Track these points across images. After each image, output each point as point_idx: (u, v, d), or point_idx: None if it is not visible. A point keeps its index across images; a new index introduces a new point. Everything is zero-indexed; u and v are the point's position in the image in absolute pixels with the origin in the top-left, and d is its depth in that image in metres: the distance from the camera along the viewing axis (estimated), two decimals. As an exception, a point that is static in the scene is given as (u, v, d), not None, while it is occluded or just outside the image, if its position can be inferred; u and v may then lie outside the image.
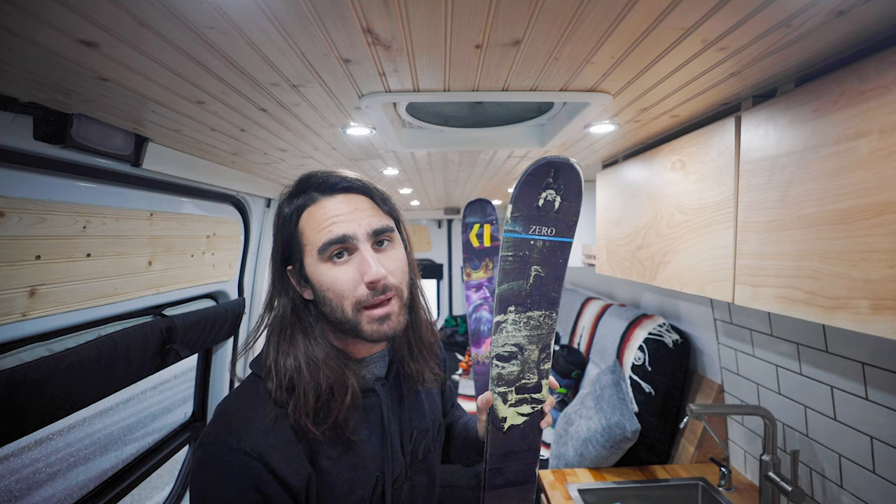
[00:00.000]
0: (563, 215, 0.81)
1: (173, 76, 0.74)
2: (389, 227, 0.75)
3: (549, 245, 0.81)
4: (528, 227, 0.79)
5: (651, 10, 0.58)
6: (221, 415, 0.70)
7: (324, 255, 0.70)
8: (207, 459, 0.66)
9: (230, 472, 0.64)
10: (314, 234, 0.71)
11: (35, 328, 0.94)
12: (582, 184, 0.80)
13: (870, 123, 0.67)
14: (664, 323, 1.94)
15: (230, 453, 0.64)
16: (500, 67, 0.77)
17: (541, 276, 0.81)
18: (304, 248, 0.72)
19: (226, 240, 1.75)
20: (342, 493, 0.70)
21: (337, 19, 0.59)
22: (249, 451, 0.64)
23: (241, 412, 0.69)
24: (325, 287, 0.71)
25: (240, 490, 0.63)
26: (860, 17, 0.60)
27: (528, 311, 0.82)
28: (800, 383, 1.33)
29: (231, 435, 0.66)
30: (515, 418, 0.85)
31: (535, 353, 0.84)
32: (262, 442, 0.65)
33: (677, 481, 1.62)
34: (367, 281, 0.69)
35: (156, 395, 5.92)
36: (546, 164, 0.77)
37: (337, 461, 0.71)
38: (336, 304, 0.71)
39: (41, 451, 4.20)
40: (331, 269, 0.70)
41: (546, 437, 2.41)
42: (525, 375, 0.84)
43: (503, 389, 0.83)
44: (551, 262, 0.81)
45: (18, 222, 0.88)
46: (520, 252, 0.80)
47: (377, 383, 0.79)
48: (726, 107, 1.02)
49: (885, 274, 0.64)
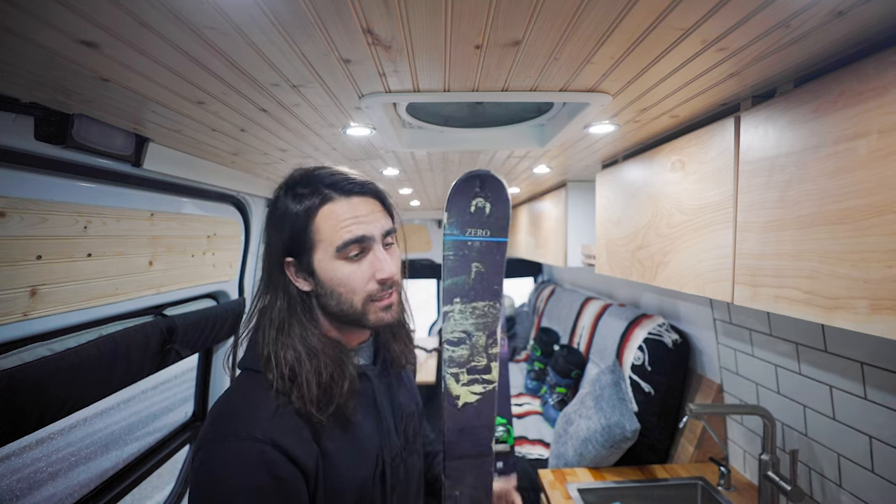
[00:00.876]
0: (495, 219, 0.95)
1: (174, 76, 0.74)
2: (394, 229, 0.81)
3: (485, 245, 0.94)
4: (464, 230, 0.93)
5: (651, 10, 0.58)
6: (221, 414, 0.70)
7: (341, 253, 0.74)
8: (214, 458, 0.65)
9: (242, 461, 0.64)
10: (332, 232, 0.74)
11: (36, 328, 0.94)
12: (507, 191, 0.94)
13: (869, 124, 0.67)
14: (664, 323, 1.94)
15: (240, 443, 0.65)
16: (500, 68, 0.77)
17: (481, 272, 0.94)
18: (316, 244, 0.75)
19: (226, 240, 1.75)
20: (347, 473, 0.73)
21: (337, 20, 0.59)
22: (261, 437, 0.65)
23: (243, 406, 0.70)
24: (338, 282, 0.74)
25: (254, 477, 0.64)
26: (859, 17, 0.61)
27: (472, 302, 0.95)
28: (799, 383, 1.33)
29: (239, 427, 0.66)
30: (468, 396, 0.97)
31: (482, 338, 0.96)
32: (272, 427, 0.67)
33: (677, 481, 1.62)
34: (381, 278, 0.75)
35: (156, 394, 5.92)
36: (472, 176, 0.93)
37: (339, 443, 0.73)
38: (346, 297, 0.75)
39: (42, 450, 4.20)
40: (345, 265, 0.74)
41: (546, 436, 2.41)
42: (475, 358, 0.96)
43: (455, 370, 0.95)
44: (489, 260, 0.95)
45: (19, 222, 0.88)
46: (460, 252, 0.93)
47: (368, 368, 0.82)
48: (726, 107, 1.02)
49: (885, 274, 0.64)
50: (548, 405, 2.58)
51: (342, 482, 0.72)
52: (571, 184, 2.23)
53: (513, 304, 4.21)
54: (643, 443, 1.79)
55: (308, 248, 0.75)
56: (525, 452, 2.27)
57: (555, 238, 2.43)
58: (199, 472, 0.66)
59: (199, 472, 0.66)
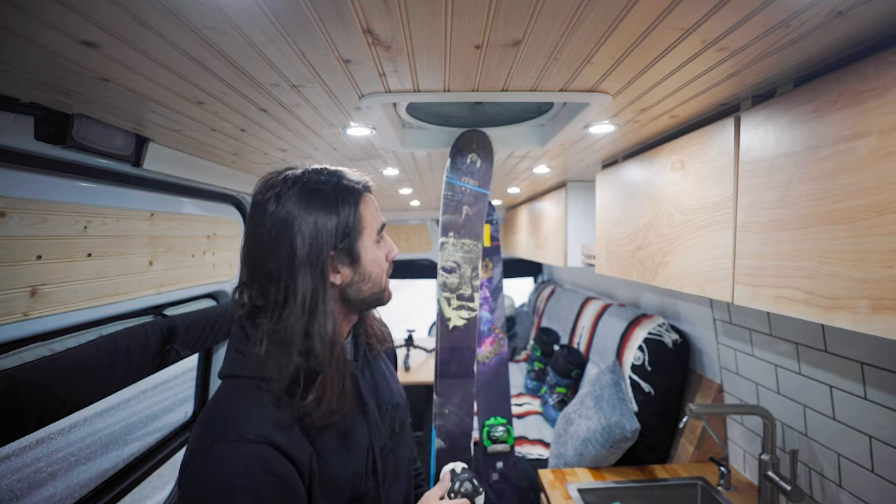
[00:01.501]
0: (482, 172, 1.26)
1: (174, 76, 0.74)
2: None
3: (472, 192, 1.23)
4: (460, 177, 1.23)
5: (651, 10, 0.58)
6: (209, 420, 0.69)
7: (378, 236, 0.83)
8: (208, 463, 0.64)
9: (236, 462, 0.64)
10: (374, 217, 0.82)
11: (36, 328, 0.94)
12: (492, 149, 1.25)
13: (869, 124, 0.67)
14: (664, 323, 1.94)
15: (232, 445, 0.65)
16: (500, 68, 0.77)
17: (469, 215, 1.23)
18: (364, 229, 0.80)
19: (226, 240, 1.75)
20: (340, 469, 0.74)
21: (337, 20, 0.59)
22: (252, 437, 0.65)
23: (230, 410, 0.70)
24: (375, 263, 0.82)
25: (250, 477, 0.64)
26: (859, 17, 0.61)
27: (461, 238, 1.22)
28: (799, 383, 1.33)
29: (228, 430, 0.66)
30: (457, 320, 1.22)
31: (468, 270, 1.22)
32: (264, 426, 0.67)
33: (677, 481, 1.62)
34: (393, 257, 0.87)
35: (156, 394, 5.92)
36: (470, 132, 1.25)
37: (331, 441, 0.74)
38: (378, 277, 0.82)
39: (42, 450, 4.20)
40: (377, 248, 0.83)
41: (546, 436, 2.41)
42: (462, 287, 1.21)
43: (448, 295, 1.22)
44: (475, 206, 1.24)
45: (19, 222, 0.88)
46: (456, 195, 1.23)
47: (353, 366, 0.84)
48: (726, 107, 1.02)
49: (884, 274, 0.64)
50: (548, 405, 2.58)
51: (337, 478, 0.73)
52: (571, 184, 2.23)
53: (513, 304, 4.20)
54: (643, 443, 1.79)
55: (357, 234, 0.79)
56: (525, 452, 2.27)
57: (555, 238, 2.43)
58: (195, 479, 0.65)
59: (194, 480, 0.65)
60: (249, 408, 0.69)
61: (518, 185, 2.40)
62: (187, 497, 0.65)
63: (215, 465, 0.64)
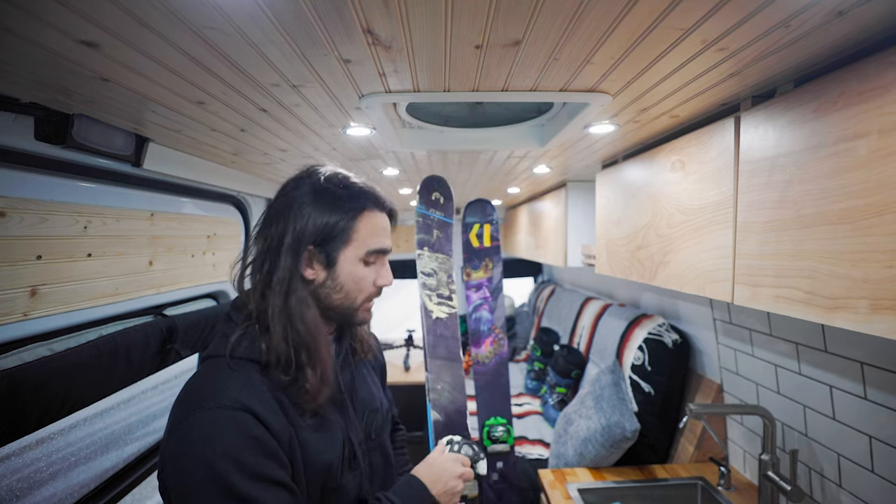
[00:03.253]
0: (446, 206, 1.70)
1: (174, 77, 0.74)
2: None
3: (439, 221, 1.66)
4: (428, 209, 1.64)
5: (651, 10, 0.58)
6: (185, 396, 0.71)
7: (366, 256, 0.82)
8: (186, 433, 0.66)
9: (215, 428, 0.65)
10: (370, 237, 0.82)
11: (36, 328, 0.94)
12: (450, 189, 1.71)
13: (869, 124, 0.67)
14: (664, 323, 1.94)
15: (210, 412, 0.66)
16: (500, 68, 0.77)
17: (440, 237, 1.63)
18: (351, 242, 0.81)
19: (226, 240, 1.75)
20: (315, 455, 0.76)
21: (337, 20, 0.59)
22: (229, 404, 0.67)
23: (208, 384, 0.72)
24: (354, 279, 0.82)
25: (229, 441, 0.65)
26: (859, 17, 0.61)
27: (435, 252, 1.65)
28: (799, 383, 1.33)
29: (205, 400, 0.68)
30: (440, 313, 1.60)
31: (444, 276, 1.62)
32: (241, 395, 0.69)
33: (677, 481, 1.62)
34: (381, 284, 0.85)
35: (156, 394, 5.91)
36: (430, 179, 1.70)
37: (307, 425, 0.77)
38: (353, 294, 0.83)
39: (42, 450, 4.20)
40: (363, 267, 0.83)
41: (546, 436, 2.41)
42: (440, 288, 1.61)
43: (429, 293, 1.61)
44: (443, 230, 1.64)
45: (20, 222, 0.88)
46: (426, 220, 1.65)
47: None
48: (726, 107, 1.02)
49: (885, 274, 0.64)
50: (548, 405, 2.58)
51: (313, 464, 0.75)
52: (571, 184, 2.23)
53: (513, 304, 4.20)
54: (643, 443, 1.78)
55: (341, 243, 0.80)
56: (525, 452, 2.27)
57: (555, 238, 2.43)
58: (176, 449, 0.66)
59: (175, 451, 0.66)
60: (226, 380, 0.71)
61: (518, 185, 2.40)
62: (171, 469, 0.65)
63: (194, 433, 0.65)
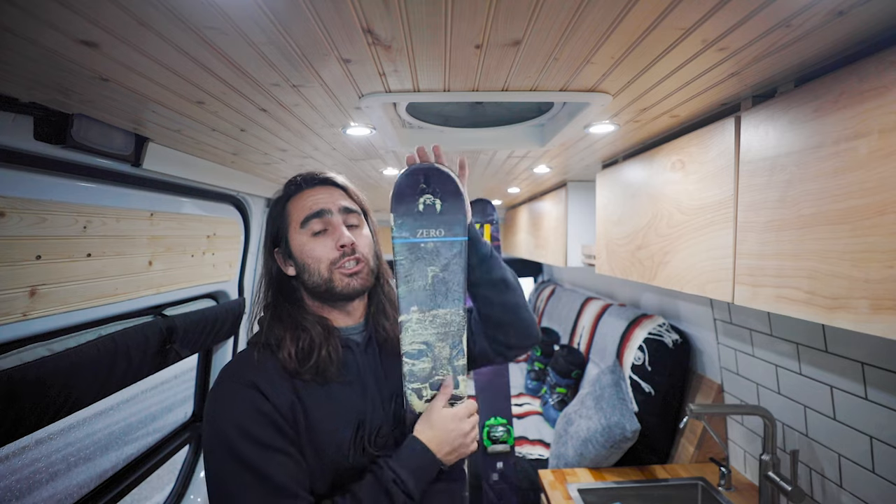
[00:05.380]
0: (449, 216, 0.86)
1: (174, 76, 0.74)
2: (356, 210, 0.92)
3: (440, 245, 0.86)
4: (415, 232, 0.86)
5: (651, 10, 0.58)
6: (221, 372, 0.84)
7: (305, 229, 0.87)
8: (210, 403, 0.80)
9: (231, 399, 0.78)
10: (298, 212, 0.88)
11: (36, 328, 0.94)
12: (457, 184, 0.86)
13: (869, 124, 0.67)
14: (664, 323, 1.94)
15: (229, 384, 0.80)
16: (500, 67, 0.77)
17: (439, 276, 0.86)
18: (290, 226, 0.89)
19: (226, 240, 1.75)
20: (324, 431, 0.81)
21: (337, 19, 0.59)
22: (243, 382, 0.79)
23: (235, 364, 0.85)
24: (307, 254, 0.87)
25: (239, 412, 0.77)
26: (860, 17, 0.61)
27: (431, 310, 0.86)
28: (799, 383, 1.33)
29: (228, 377, 0.81)
30: None
31: (445, 349, 0.87)
32: (252, 374, 0.80)
33: (677, 481, 1.62)
34: (340, 244, 0.86)
35: (156, 394, 5.92)
36: (414, 171, 0.85)
37: (319, 402, 0.82)
38: (314, 267, 0.86)
39: (41, 450, 4.20)
40: (311, 240, 0.87)
41: (546, 436, 2.41)
42: (438, 372, 0.87)
43: (417, 385, 0.87)
44: (448, 262, 0.87)
45: (19, 222, 0.88)
46: (412, 255, 0.86)
47: (352, 343, 0.90)
48: (726, 107, 1.02)
49: (885, 274, 0.64)
50: (548, 405, 2.58)
51: (321, 438, 0.80)
52: (571, 184, 2.23)
53: (513, 305, 4.20)
54: (643, 443, 1.78)
55: (285, 232, 0.89)
56: (525, 452, 2.27)
57: (555, 238, 2.43)
58: (205, 416, 0.80)
59: (205, 417, 0.80)
60: (246, 361, 0.83)
61: (518, 185, 2.40)
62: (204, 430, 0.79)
63: (214, 403, 0.79)
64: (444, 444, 0.83)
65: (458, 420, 0.85)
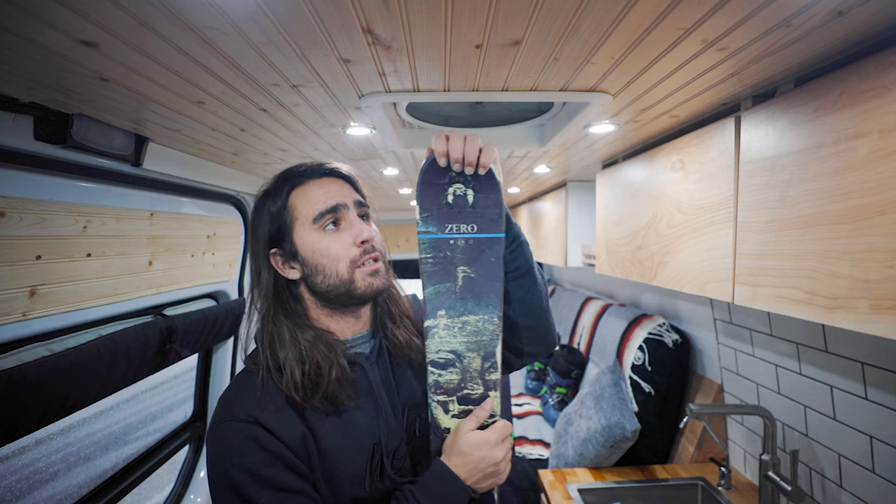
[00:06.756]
0: (482, 209, 0.75)
1: (174, 76, 0.74)
2: (367, 203, 0.85)
3: (472, 243, 0.76)
4: (442, 227, 0.75)
5: (651, 10, 0.58)
6: (218, 405, 0.77)
7: (318, 224, 0.78)
8: (212, 442, 0.73)
9: (234, 439, 0.71)
10: (308, 207, 0.79)
11: (35, 328, 0.94)
12: (492, 171, 0.74)
13: (869, 123, 0.67)
14: (664, 323, 1.94)
15: (230, 424, 0.72)
16: (500, 67, 0.77)
17: (471, 278, 0.76)
18: (295, 222, 0.79)
19: (226, 240, 1.75)
20: (338, 459, 0.74)
21: (337, 19, 0.59)
22: (244, 417, 0.71)
23: (234, 395, 0.77)
24: (320, 253, 0.77)
25: (243, 453, 0.70)
26: (860, 17, 0.61)
27: (461, 316, 0.77)
28: (799, 383, 1.33)
29: (228, 412, 0.73)
30: None
31: (476, 360, 0.77)
32: (254, 408, 0.72)
33: (677, 481, 1.62)
34: (361, 240, 0.78)
35: (156, 394, 5.92)
36: None
37: (331, 430, 0.75)
38: (331, 268, 0.77)
39: (41, 450, 4.20)
40: (324, 237, 0.78)
41: (546, 436, 2.41)
42: (467, 385, 0.78)
43: (443, 398, 0.78)
44: (480, 262, 0.76)
45: (19, 222, 0.88)
46: (440, 253, 0.76)
47: (361, 357, 0.82)
48: (726, 107, 1.02)
49: (885, 274, 0.64)
50: (548, 405, 2.58)
51: (335, 468, 0.74)
52: (571, 184, 2.23)
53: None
54: (643, 443, 1.78)
55: (288, 230, 0.79)
56: (525, 452, 2.27)
57: (555, 238, 2.43)
58: (207, 457, 0.73)
59: (207, 459, 0.73)
60: (246, 391, 0.75)
61: (518, 185, 2.40)
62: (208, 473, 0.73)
63: (215, 444, 0.72)
64: (476, 471, 0.72)
65: (490, 447, 0.73)
